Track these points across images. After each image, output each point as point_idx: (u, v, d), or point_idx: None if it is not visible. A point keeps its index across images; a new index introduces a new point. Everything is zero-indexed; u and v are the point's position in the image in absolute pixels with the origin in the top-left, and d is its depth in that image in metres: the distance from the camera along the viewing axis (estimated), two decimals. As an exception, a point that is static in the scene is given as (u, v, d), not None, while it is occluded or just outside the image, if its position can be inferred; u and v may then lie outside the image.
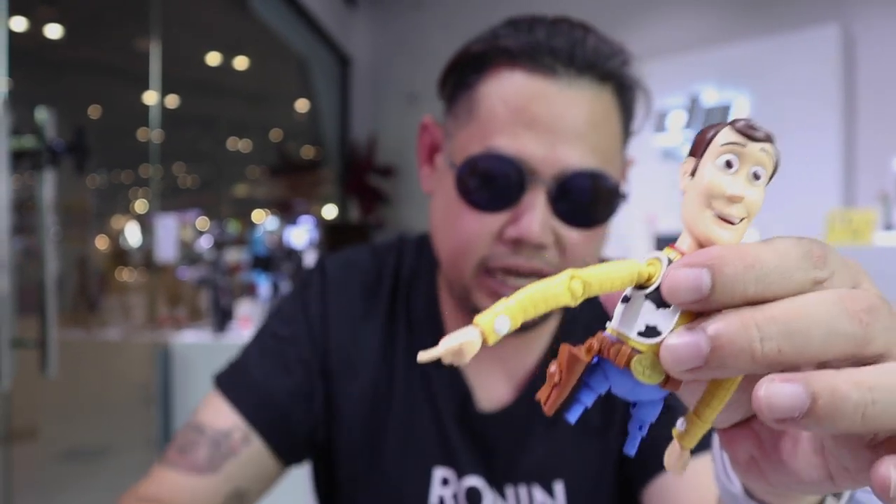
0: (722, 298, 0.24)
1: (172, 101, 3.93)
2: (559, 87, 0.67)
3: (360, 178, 5.44)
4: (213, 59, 4.79)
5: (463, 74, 0.73)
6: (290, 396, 0.75)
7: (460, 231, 0.69)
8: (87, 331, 2.99)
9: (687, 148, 0.26)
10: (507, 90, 0.68)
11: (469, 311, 0.72)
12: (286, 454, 0.75)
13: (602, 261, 0.28)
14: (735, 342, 0.23)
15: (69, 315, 2.92)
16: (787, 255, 0.25)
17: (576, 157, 0.66)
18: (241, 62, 5.05)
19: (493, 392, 0.77)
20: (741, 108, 3.73)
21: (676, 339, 0.24)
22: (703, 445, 0.68)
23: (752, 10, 3.92)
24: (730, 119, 0.26)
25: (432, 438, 0.76)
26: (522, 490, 0.74)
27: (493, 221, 0.68)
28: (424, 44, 5.27)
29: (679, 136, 3.93)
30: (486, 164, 0.67)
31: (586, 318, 0.80)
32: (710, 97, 3.84)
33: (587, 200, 0.68)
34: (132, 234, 3.72)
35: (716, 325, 0.23)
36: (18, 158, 1.53)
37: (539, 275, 0.67)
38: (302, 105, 5.76)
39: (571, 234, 0.68)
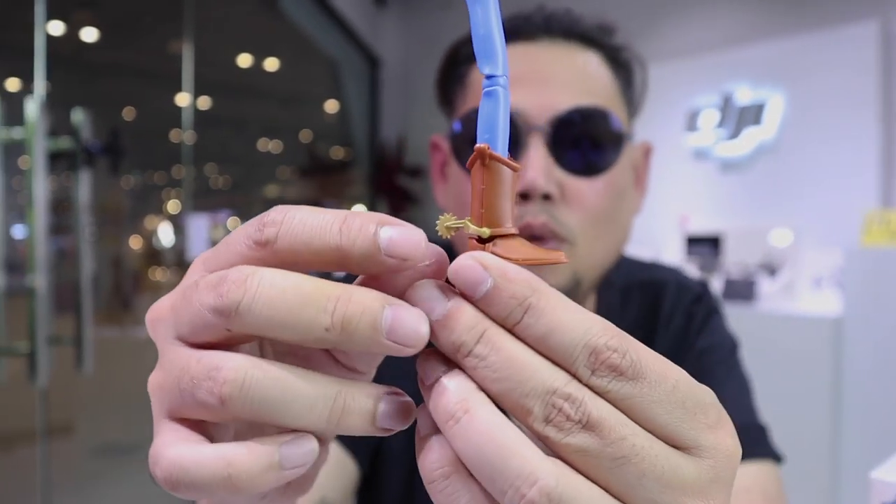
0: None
1: (204, 102, 3.97)
2: (542, 47, 0.68)
3: (389, 178, 5.46)
4: (245, 60, 4.83)
5: (454, 71, 0.74)
6: None
7: (467, 207, 0.67)
8: (122, 329, 3.04)
9: (721, 148, 0.26)
10: None
11: None
12: (361, 454, 0.72)
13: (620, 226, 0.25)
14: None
15: (104, 313, 2.97)
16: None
17: (568, 98, 0.65)
18: (271, 64, 5.09)
19: None
20: (776, 107, 3.67)
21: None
22: (754, 454, 0.68)
23: (787, 7, 3.85)
24: (764, 117, 0.25)
25: None
26: None
27: None
28: (454, 44, 5.27)
29: (712, 135, 3.87)
30: None
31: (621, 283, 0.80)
32: (744, 96, 3.78)
33: (587, 139, 0.65)
34: (165, 235, 3.77)
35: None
36: (55, 159, 1.56)
37: (552, 235, 0.65)
38: (332, 106, 5.80)
39: (579, 185, 0.65)
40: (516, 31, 0.69)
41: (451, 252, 0.69)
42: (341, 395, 0.26)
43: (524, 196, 0.64)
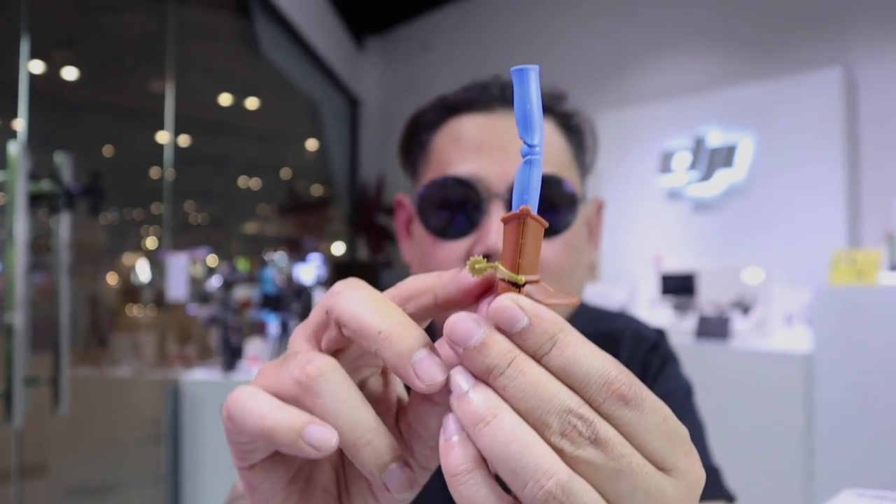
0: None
1: (185, 140, 4.00)
2: (499, 117, 0.73)
3: (368, 216, 5.49)
4: (226, 99, 4.87)
5: (417, 138, 0.79)
6: None
7: (432, 266, 0.71)
8: (98, 368, 3.01)
9: (694, 189, 0.31)
10: (455, 131, 0.74)
11: None
12: None
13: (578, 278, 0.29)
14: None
15: (80, 352, 2.94)
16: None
17: None
18: (252, 103, 5.14)
19: None
20: (746, 150, 3.77)
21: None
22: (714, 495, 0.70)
23: (756, 53, 3.98)
24: (735, 159, 0.30)
25: None
26: None
27: (460, 246, 0.71)
28: (432, 85, 5.36)
29: (684, 177, 3.96)
30: (444, 188, 0.71)
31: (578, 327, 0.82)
32: (715, 139, 3.88)
33: (544, 203, 0.69)
34: (142, 271, 3.75)
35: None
36: (36, 200, 1.57)
37: None
38: (312, 144, 5.84)
39: None
40: (474, 100, 0.74)
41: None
42: (380, 429, 0.32)
43: (487, 258, 0.67)
